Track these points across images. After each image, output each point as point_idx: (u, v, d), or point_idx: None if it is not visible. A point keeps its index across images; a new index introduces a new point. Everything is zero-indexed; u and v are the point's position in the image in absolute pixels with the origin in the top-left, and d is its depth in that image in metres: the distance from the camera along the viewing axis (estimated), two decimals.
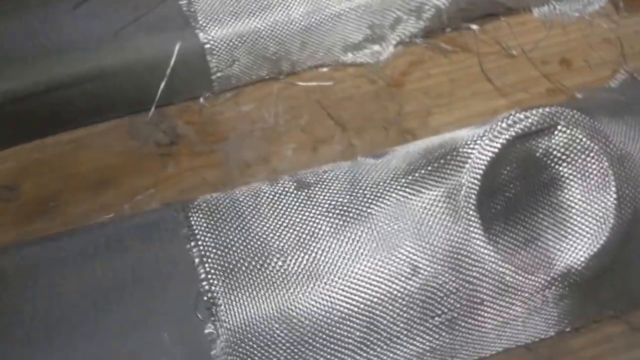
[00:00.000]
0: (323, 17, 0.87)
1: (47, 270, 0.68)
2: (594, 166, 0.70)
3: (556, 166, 0.71)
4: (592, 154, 0.70)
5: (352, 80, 0.89)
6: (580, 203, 0.70)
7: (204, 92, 0.87)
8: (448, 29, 0.93)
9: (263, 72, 0.88)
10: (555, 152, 0.71)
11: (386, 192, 0.71)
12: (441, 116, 0.86)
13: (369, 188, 0.72)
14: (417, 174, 0.71)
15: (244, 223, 0.70)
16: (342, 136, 0.84)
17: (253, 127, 0.85)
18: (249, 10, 0.86)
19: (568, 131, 0.71)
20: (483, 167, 0.69)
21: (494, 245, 0.69)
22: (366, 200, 0.71)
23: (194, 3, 0.86)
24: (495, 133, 0.70)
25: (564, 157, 0.71)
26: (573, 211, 0.70)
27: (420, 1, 0.89)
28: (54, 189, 0.80)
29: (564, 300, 0.70)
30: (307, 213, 0.71)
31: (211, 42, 0.85)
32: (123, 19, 0.84)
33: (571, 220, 0.70)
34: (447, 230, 0.69)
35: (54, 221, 0.78)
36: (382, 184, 0.72)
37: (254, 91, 0.88)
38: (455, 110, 0.87)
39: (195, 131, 0.85)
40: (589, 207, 0.70)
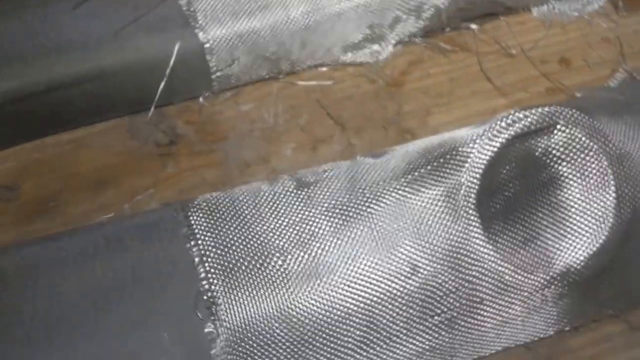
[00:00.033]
0: (322, 17, 0.87)
1: (47, 270, 0.68)
2: (593, 165, 0.70)
3: (555, 165, 0.71)
4: (592, 153, 0.70)
5: (352, 79, 0.89)
6: (579, 202, 0.70)
7: (204, 92, 0.87)
8: (447, 29, 0.93)
9: (263, 72, 0.88)
10: (554, 151, 0.71)
11: (386, 192, 0.71)
12: (440, 116, 0.86)
13: (369, 187, 0.72)
14: (417, 173, 0.71)
15: (244, 222, 0.70)
16: (342, 136, 0.84)
17: (252, 127, 0.85)
18: (249, 9, 0.86)
19: (567, 130, 0.71)
20: (482, 167, 0.69)
21: (494, 244, 0.69)
22: (366, 199, 0.71)
23: (194, 3, 0.86)
24: (494, 132, 0.70)
25: (563, 156, 0.71)
26: (572, 210, 0.70)
27: (419, 1, 0.89)
28: (54, 189, 0.80)
29: (563, 299, 0.70)
30: (307, 212, 0.71)
31: (211, 42, 0.85)
32: (123, 19, 0.84)
33: (570, 219, 0.70)
34: (447, 229, 0.69)
35: (54, 221, 0.78)
36: (382, 184, 0.72)
37: (254, 91, 0.88)
38: (454, 109, 0.87)
39: (194, 131, 0.85)
40: (588, 206, 0.70)
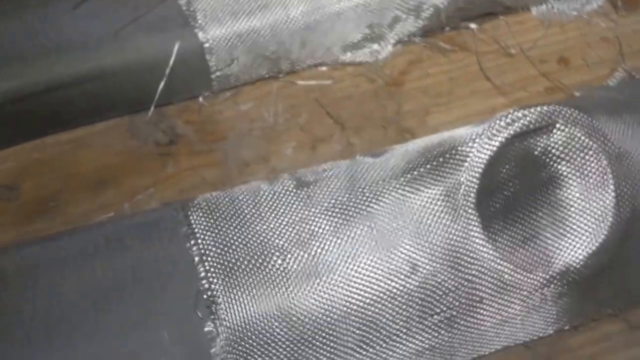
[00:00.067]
0: (322, 16, 0.87)
1: (47, 270, 0.68)
2: (593, 164, 0.70)
3: (555, 164, 0.71)
4: (591, 152, 0.70)
5: (351, 79, 0.89)
6: (578, 201, 0.70)
7: (203, 92, 0.87)
8: (447, 28, 0.93)
9: (262, 71, 0.88)
10: (553, 151, 0.71)
11: (385, 191, 0.71)
12: (440, 115, 0.86)
13: (368, 187, 0.72)
14: (416, 173, 0.71)
15: (244, 222, 0.70)
16: (341, 135, 0.84)
17: (252, 126, 0.85)
18: (248, 9, 0.86)
19: (566, 129, 0.71)
20: (482, 166, 0.69)
21: (493, 243, 0.69)
22: (365, 198, 0.71)
23: (193, 2, 0.86)
24: (493, 131, 0.70)
25: (563, 156, 0.71)
26: (572, 209, 0.70)
27: (418, 0, 0.89)
28: (54, 189, 0.80)
29: (563, 298, 0.70)
30: (307, 211, 0.71)
31: (210, 42, 0.85)
32: (123, 19, 0.84)
33: (570, 218, 0.70)
34: (446, 228, 0.69)
35: (54, 221, 0.78)
36: (381, 183, 0.72)
37: (253, 90, 0.88)
38: (454, 109, 0.87)
39: (194, 130, 0.85)
40: (588, 205, 0.70)
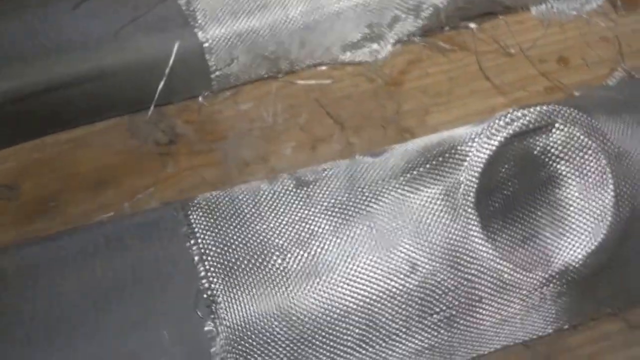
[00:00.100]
0: (321, 16, 0.87)
1: (47, 269, 0.69)
2: (592, 164, 0.71)
3: (554, 164, 0.71)
4: (590, 152, 0.70)
5: (351, 79, 0.89)
6: (578, 201, 0.70)
7: (203, 91, 0.87)
8: (446, 28, 0.93)
9: (262, 71, 0.88)
10: (553, 150, 0.71)
11: (385, 190, 0.71)
12: (439, 115, 0.86)
13: (368, 186, 0.72)
14: (416, 172, 0.71)
15: (244, 221, 0.70)
16: (341, 135, 0.84)
17: (252, 126, 0.85)
18: (248, 9, 0.86)
19: (566, 129, 0.71)
20: (481, 165, 0.70)
21: (492, 242, 0.69)
22: (365, 198, 0.71)
23: (193, 2, 0.86)
24: (493, 131, 0.70)
25: (562, 155, 0.71)
26: (571, 209, 0.71)
27: (418, 0, 0.90)
28: (54, 189, 0.80)
29: (562, 297, 0.70)
30: (306, 211, 0.71)
31: (210, 41, 0.85)
32: (122, 19, 0.84)
33: (569, 217, 0.70)
34: (446, 228, 0.69)
35: (54, 221, 0.78)
36: (381, 182, 0.72)
37: (253, 90, 0.88)
38: (453, 108, 0.87)
39: (194, 130, 0.85)
40: (587, 205, 0.70)
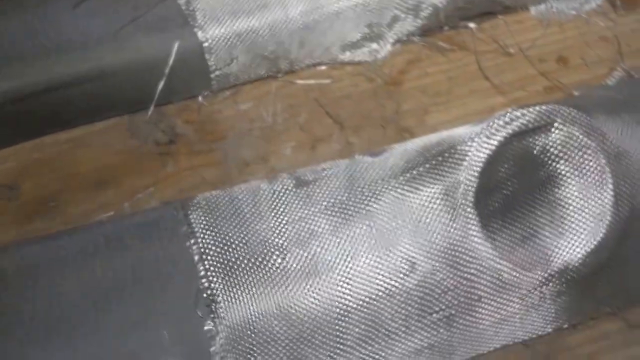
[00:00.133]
0: (321, 16, 0.87)
1: (47, 269, 0.69)
2: (591, 163, 0.71)
3: (553, 163, 0.71)
4: (589, 151, 0.71)
5: (350, 78, 0.90)
6: (577, 200, 0.71)
7: (203, 91, 0.87)
8: (445, 28, 0.93)
9: (261, 71, 0.88)
10: (552, 150, 0.71)
11: (384, 190, 0.71)
12: (439, 114, 0.86)
13: (367, 186, 0.72)
14: (415, 172, 0.72)
15: (243, 220, 0.70)
16: (340, 134, 0.84)
17: (252, 126, 0.85)
18: (248, 9, 0.86)
19: (565, 128, 0.71)
20: (480, 165, 0.70)
21: (492, 242, 0.69)
22: (364, 197, 0.71)
23: (193, 2, 0.86)
24: (492, 130, 0.70)
25: (561, 155, 0.71)
26: (570, 208, 0.71)
27: (417, 0, 0.90)
28: (54, 189, 0.80)
29: (561, 297, 0.70)
30: (306, 211, 0.71)
31: (210, 41, 0.85)
32: (122, 19, 0.84)
33: (568, 217, 0.70)
34: (445, 227, 0.69)
35: (54, 221, 0.78)
36: (380, 182, 0.72)
37: (253, 90, 0.88)
38: (452, 108, 0.87)
39: (194, 130, 0.85)
40: (586, 204, 0.70)
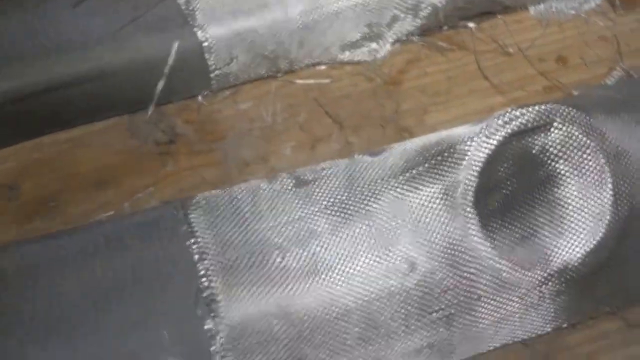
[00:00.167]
0: (321, 16, 0.87)
1: (47, 269, 0.69)
2: (591, 163, 0.71)
3: (553, 163, 0.71)
4: (589, 151, 0.71)
5: (350, 78, 0.89)
6: (576, 200, 0.71)
7: (203, 91, 0.87)
8: (445, 27, 0.93)
9: (261, 71, 0.88)
10: (551, 149, 0.71)
11: (384, 190, 0.71)
12: (438, 114, 0.86)
13: (367, 185, 0.72)
14: (415, 171, 0.72)
15: (243, 220, 0.70)
16: (340, 134, 0.84)
17: (251, 126, 0.85)
18: (247, 8, 0.86)
19: (564, 128, 0.71)
20: (480, 164, 0.70)
21: (491, 241, 0.69)
22: (364, 197, 0.71)
23: (193, 2, 0.86)
24: (491, 130, 0.71)
25: (561, 154, 0.71)
26: (570, 208, 0.71)
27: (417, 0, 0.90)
28: (54, 189, 0.80)
29: (561, 296, 0.70)
30: (306, 210, 0.71)
31: (209, 41, 0.85)
32: (122, 18, 0.84)
33: (568, 216, 0.70)
34: (445, 227, 0.69)
35: (54, 221, 0.77)
36: (380, 182, 0.72)
37: (252, 89, 0.88)
38: (452, 108, 0.87)
39: (193, 130, 0.85)
40: (586, 204, 0.70)
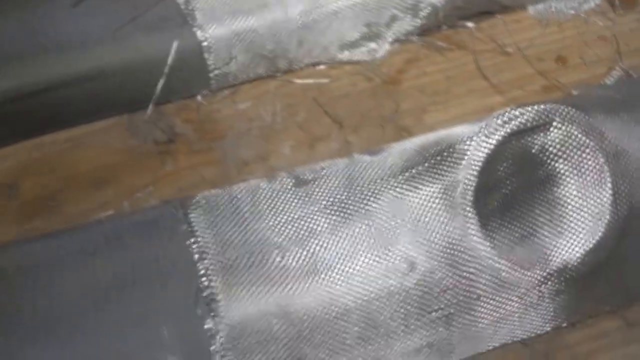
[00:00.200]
0: (320, 15, 0.88)
1: (47, 268, 0.69)
2: (590, 162, 0.71)
3: (552, 162, 0.71)
4: (588, 150, 0.71)
5: (349, 77, 0.90)
6: (576, 199, 0.71)
7: (202, 90, 0.87)
8: (444, 27, 0.93)
9: (260, 70, 0.88)
10: (550, 149, 0.71)
11: (383, 189, 0.71)
12: (437, 114, 0.86)
13: (366, 185, 0.72)
14: (414, 171, 0.72)
15: (243, 219, 0.70)
16: (339, 133, 0.85)
17: (250, 125, 0.85)
18: (247, 8, 0.86)
19: (563, 128, 0.71)
20: (479, 164, 0.70)
21: (491, 241, 0.69)
22: (363, 197, 0.71)
23: (192, 1, 0.86)
24: (491, 130, 0.71)
25: (560, 154, 0.71)
26: (569, 207, 0.71)
27: None
28: (54, 188, 0.80)
29: (560, 295, 0.70)
30: (305, 209, 0.71)
31: (209, 40, 0.85)
32: (122, 18, 0.84)
33: (567, 216, 0.71)
34: (444, 226, 0.69)
35: (54, 220, 0.77)
36: (379, 181, 0.72)
37: (251, 89, 0.88)
38: (451, 107, 0.87)
39: (193, 129, 0.85)
40: (585, 203, 0.70)
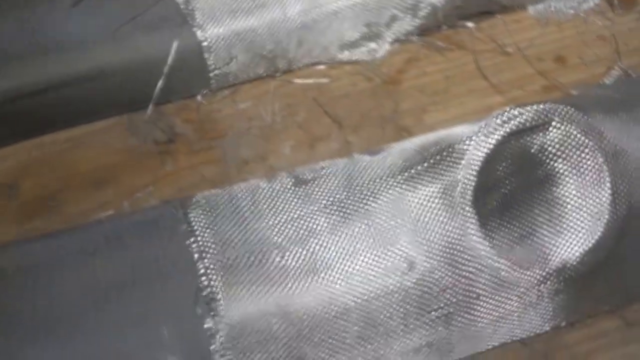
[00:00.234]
0: (319, 15, 0.88)
1: (47, 268, 0.69)
2: (589, 162, 0.71)
3: (551, 162, 0.71)
4: (587, 150, 0.71)
5: (349, 77, 0.90)
6: (575, 199, 0.71)
7: (202, 90, 0.87)
8: (444, 27, 0.93)
9: (260, 70, 0.88)
10: (550, 148, 0.71)
11: (383, 189, 0.71)
12: (437, 113, 0.86)
13: (366, 184, 0.72)
14: (414, 171, 0.72)
15: (243, 219, 0.71)
16: (339, 133, 0.85)
17: (250, 125, 0.85)
18: (246, 8, 0.86)
19: (563, 127, 0.71)
20: (478, 163, 0.70)
21: (490, 240, 0.69)
22: (363, 196, 0.71)
23: (192, 1, 0.86)
24: (490, 129, 0.71)
25: (559, 153, 0.71)
26: (568, 207, 0.71)
27: None
28: (54, 188, 0.80)
29: (559, 295, 0.70)
30: (305, 209, 0.71)
31: (209, 40, 0.85)
32: (121, 18, 0.84)
33: (566, 215, 0.71)
34: (443, 226, 0.69)
35: (54, 220, 0.77)
36: (379, 181, 0.72)
37: (251, 89, 0.88)
38: (450, 107, 0.87)
39: (193, 129, 0.85)
40: (584, 203, 0.70)
